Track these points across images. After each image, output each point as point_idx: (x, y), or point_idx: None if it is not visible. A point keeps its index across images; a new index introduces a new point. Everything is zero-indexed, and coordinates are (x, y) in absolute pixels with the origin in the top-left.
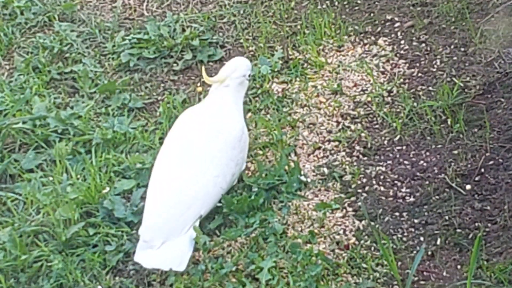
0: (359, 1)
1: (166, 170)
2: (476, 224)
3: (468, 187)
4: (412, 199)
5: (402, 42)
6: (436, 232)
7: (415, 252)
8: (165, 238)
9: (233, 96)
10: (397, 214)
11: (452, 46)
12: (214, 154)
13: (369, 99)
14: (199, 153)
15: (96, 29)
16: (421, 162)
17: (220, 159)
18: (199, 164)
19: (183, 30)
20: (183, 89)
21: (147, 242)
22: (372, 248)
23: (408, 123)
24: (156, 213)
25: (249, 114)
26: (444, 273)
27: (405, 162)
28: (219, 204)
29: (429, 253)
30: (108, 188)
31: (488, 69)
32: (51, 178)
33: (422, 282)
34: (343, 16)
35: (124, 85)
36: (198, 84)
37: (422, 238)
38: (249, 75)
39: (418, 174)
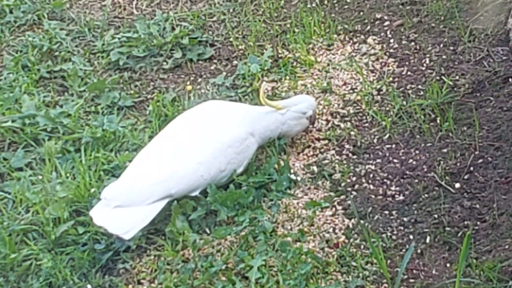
0: (348, 0)
1: (159, 144)
2: (465, 222)
3: (457, 185)
4: (401, 197)
5: (392, 40)
6: (425, 230)
7: (404, 250)
8: (123, 203)
9: (273, 124)
10: (386, 212)
11: (441, 45)
12: (207, 144)
13: (358, 97)
14: (195, 139)
15: (85, 28)
16: (411, 160)
17: (211, 150)
18: (188, 148)
19: (173, 29)
20: (172, 88)
21: (106, 200)
22: (362, 247)
23: (397, 121)
24: (127, 178)
25: None
26: (433, 271)
27: (395, 160)
28: (200, 196)
29: (419, 251)
30: (93, 190)
31: (477, 67)
32: (40, 177)
33: (412, 280)
34: (333, 15)
35: (114, 83)
36: (188, 83)
37: (411, 237)
38: (311, 116)
39: (407, 172)
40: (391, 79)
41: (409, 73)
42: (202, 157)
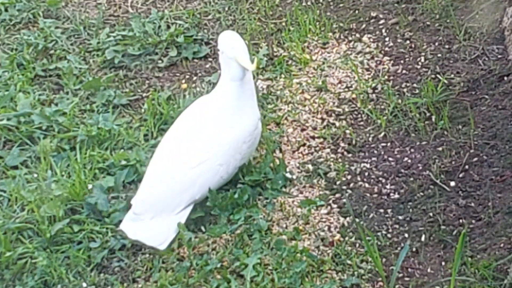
0: None
1: (172, 148)
2: (461, 220)
3: (452, 183)
4: (396, 195)
5: (387, 39)
6: (420, 228)
7: (399, 248)
8: (155, 214)
9: (251, 89)
10: (381, 210)
11: (436, 43)
12: (224, 144)
13: (353, 96)
14: (209, 140)
15: (80, 26)
16: (406, 158)
17: (229, 150)
18: (206, 150)
19: (168, 27)
20: (168, 86)
21: (137, 215)
22: (357, 245)
23: (392, 120)
24: (153, 188)
25: None
26: (429, 270)
27: (390, 159)
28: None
29: (414, 249)
30: (90, 186)
31: (472, 66)
32: (35, 175)
33: (407, 279)
34: (328, 13)
35: (109, 82)
36: (183, 81)
37: (406, 235)
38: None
39: (402, 170)
40: (386, 77)
41: (404, 71)
42: (222, 158)
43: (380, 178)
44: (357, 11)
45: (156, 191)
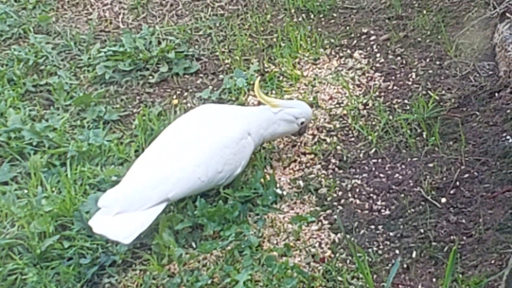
0: (335, 14)
1: (154, 151)
2: (451, 237)
3: (443, 200)
4: (387, 212)
5: (378, 55)
6: (411, 245)
7: (390, 265)
8: (121, 209)
9: (263, 120)
10: (372, 227)
11: (427, 59)
12: (203, 145)
13: (344, 112)
14: (191, 142)
15: (71, 42)
16: (397, 175)
17: (207, 151)
18: (184, 151)
19: (159, 43)
20: (158, 102)
21: (104, 209)
22: (348, 261)
23: (383, 136)
24: (124, 185)
25: None
26: (420, 286)
27: (381, 175)
28: (190, 207)
29: (405, 266)
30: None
31: (463, 82)
32: (26, 191)
33: None
34: (319, 29)
35: (100, 97)
36: (174, 97)
37: (397, 251)
38: (302, 123)
39: (393, 187)
40: (377, 93)
41: (395, 87)
42: (199, 159)
43: (371, 195)
44: (348, 27)
45: (125, 186)
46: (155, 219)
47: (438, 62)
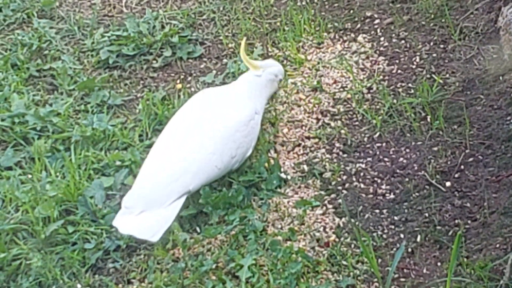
0: None
1: (166, 143)
2: (456, 221)
3: (448, 184)
4: (392, 196)
5: (382, 39)
6: (416, 229)
7: (395, 249)
8: (145, 207)
9: (257, 90)
10: (377, 211)
11: (431, 43)
12: (214, 132)
13: (349, 96)
14: (200, 130)
15: (75, 26)
16: (401, 159)
17: (219, 138)
18: (197, 140)
19: (163, 27)
20: (162, 86)
21: (127, 209)
22: (352, 245)
23: (387, 120)
24: (143, 182)
25: None
26: (424, 270)
27: (385, 159)
28: (195, 194)
29: (409, 250)
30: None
31: (467, 66)
32: (30, 176)
33: (402, 279)
34: (323, 13)
35: (103, 82)
36: (178, 81)
37: (402, 235)
38: (280, 80)
39: (398, 171)
40: (381, 77)
41: (399, 71)
42: (213, 147)
43: (376, 179)
44: (352, 11)
45: (146, 183)
46: (178, 213)
47: (442, 46)
